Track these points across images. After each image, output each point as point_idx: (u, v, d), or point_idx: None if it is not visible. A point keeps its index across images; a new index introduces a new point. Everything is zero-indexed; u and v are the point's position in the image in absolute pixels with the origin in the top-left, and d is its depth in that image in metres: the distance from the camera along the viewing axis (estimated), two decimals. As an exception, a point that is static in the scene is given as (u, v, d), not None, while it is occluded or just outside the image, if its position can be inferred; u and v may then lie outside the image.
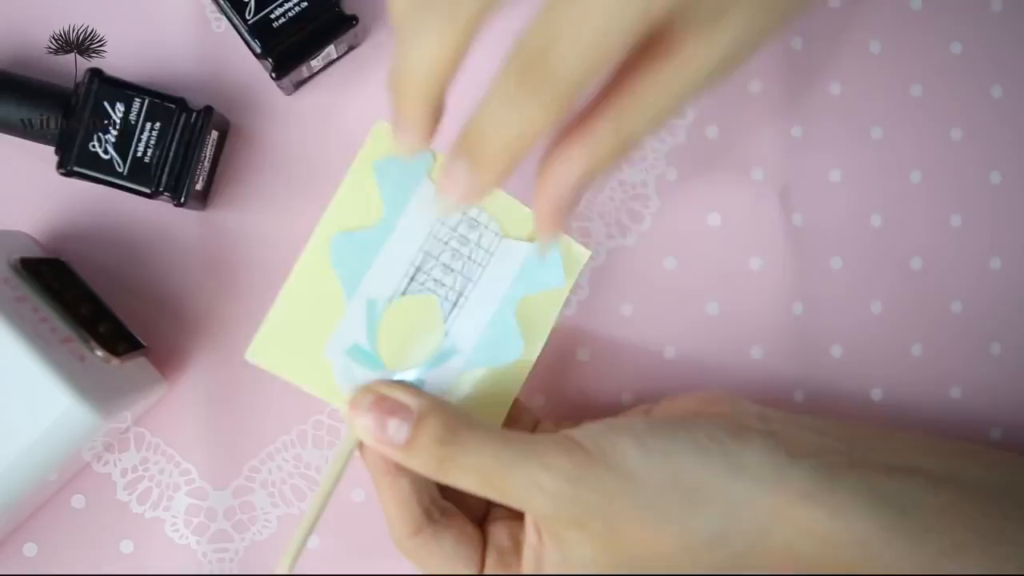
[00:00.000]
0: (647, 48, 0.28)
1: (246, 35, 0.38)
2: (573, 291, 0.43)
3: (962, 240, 0.46)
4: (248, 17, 0.38)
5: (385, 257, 0.34)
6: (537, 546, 0.34)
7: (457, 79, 0.27)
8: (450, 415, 0.32)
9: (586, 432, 0.33)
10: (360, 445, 0.34)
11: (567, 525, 0.32)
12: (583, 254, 0.36)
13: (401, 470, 0.34)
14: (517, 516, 0.36)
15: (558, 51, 0.25)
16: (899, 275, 0.46)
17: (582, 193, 0.29)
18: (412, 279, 0.34)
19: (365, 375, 0.34)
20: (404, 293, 0.34)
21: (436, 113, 0.29)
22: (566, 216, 0.30)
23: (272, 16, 0.38)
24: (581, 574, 0.33)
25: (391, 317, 0.34)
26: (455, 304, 0.34)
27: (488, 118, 0.27)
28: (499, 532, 0.36)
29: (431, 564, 0.35)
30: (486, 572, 0.35)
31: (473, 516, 0.37)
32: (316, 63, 0.40)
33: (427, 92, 0.27)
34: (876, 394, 0.45)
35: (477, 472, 0.32)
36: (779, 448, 0.34)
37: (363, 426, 0.32)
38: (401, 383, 0.33)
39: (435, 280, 0.34)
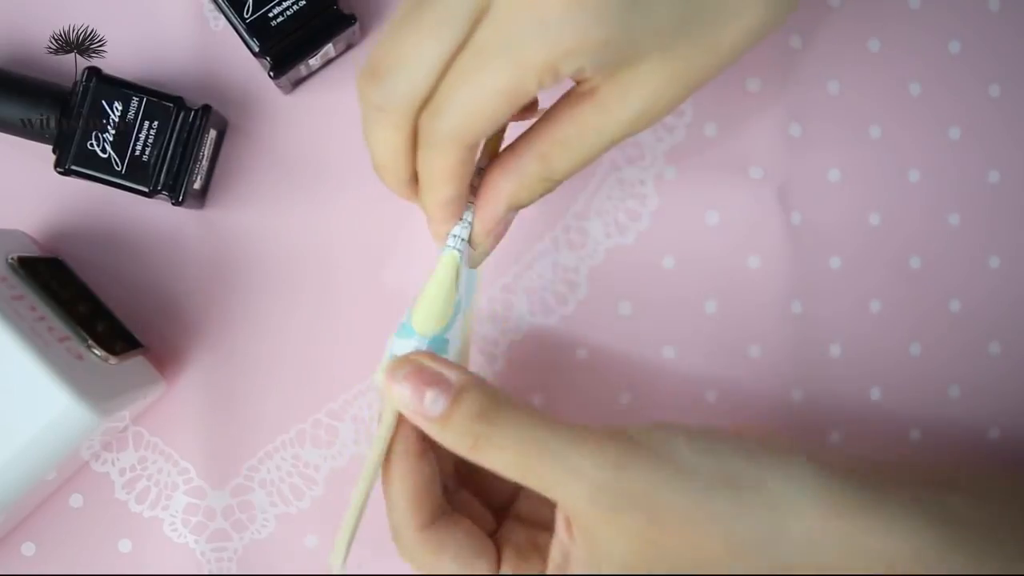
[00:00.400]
0: (573, 90, 0.31)
1: (244, 33, 0.38)
2: (572, 290, 0.43)
3: (961, 239, 0.46)
4: (246, 16, 0.38)
5: None
6: (566, 543, 0.32)
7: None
8: (489, 392, 0.31)
9: (632, 427, 0.32)
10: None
11: (604, 518, 0.30)
12: None
13: (420, 452, 0.33)
14: (536, 523, 0.35)
15: (440, 112, 0.29)
16: (897, 274, 0.46)
17: (511, 216, 0.33)
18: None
19: (401, 347, 0.33)
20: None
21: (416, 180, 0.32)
22: (499, 235, 0.33)
23: (270, 15, 0.38)
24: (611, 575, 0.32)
25: (426, 286, 0.33)
26: (464, 253, 0.33)
27: None
28: (516, 532, 0.35)
29: (443, 561, 0.33)
30: (503, 571, 0.33)
31: (484, 525, 0.35)
32: (314, 62, 0.40)
33: (397, 175, 0.32)
34: (874, 393, 0.45)
35: (514, 452, 0.30)
36: (823, 465, 0.33)
37: (399, 395, 0.31)
38: (441, 358, 0.32)
39: (453, 236, 0.33)
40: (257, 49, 0.38)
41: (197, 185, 0.40)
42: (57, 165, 0.38)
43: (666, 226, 0.44)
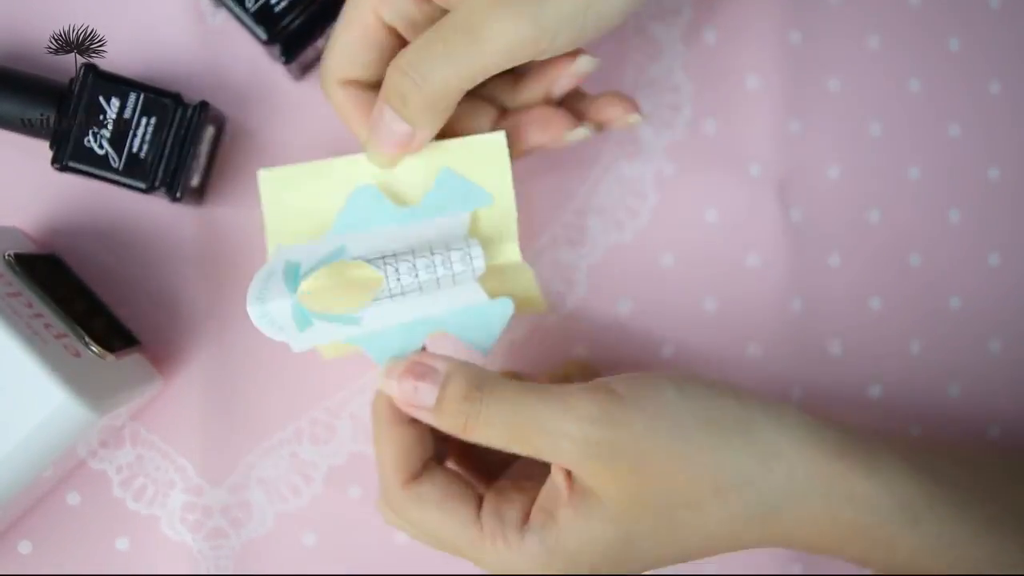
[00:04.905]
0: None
1: (250, 23, 0.38)
2: (571, 288, 0.43)
3: (960, 236, 0.46)
4: (249, 6, 0.38)
5: (386, 230, 0.35)
6: (560, 486, 0.33)
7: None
8: (472, 373, 0.33)
9: (621, 378, 0.33)
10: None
11: (593, 471, 0.32)
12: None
13: (403, 420, 0.34)
14: (524, 476, 0.36)
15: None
16: (897, 271, 0.45)
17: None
18: (383, 259, 0.34)
19: (278, 294, 0.33)
20: (367, 261, 0.34)
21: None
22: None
23: (272, 1, 0.38)
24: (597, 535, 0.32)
25: (336, 267, 0.34)
26: (390, 297, 0.34)
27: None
28: (502, 482, 0.36)
29: (427, 510, 0.34)
30: (484, 510, 0.34)
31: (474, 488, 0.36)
32: (322, 43, 0.40)
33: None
34: (875, 390, 0.45)
35: (502, 425, 0.32)
36: (815, 416, 0.34)
37: (399, 392, 0.33)
38: (431, 353, 0.34)
39: (394, 269, 0.34)
40: (265, 37, 0.38)
41: (195, 182, 0.39)
42: (54, 161, 0.38)
43: (665, 223, 0.44)
